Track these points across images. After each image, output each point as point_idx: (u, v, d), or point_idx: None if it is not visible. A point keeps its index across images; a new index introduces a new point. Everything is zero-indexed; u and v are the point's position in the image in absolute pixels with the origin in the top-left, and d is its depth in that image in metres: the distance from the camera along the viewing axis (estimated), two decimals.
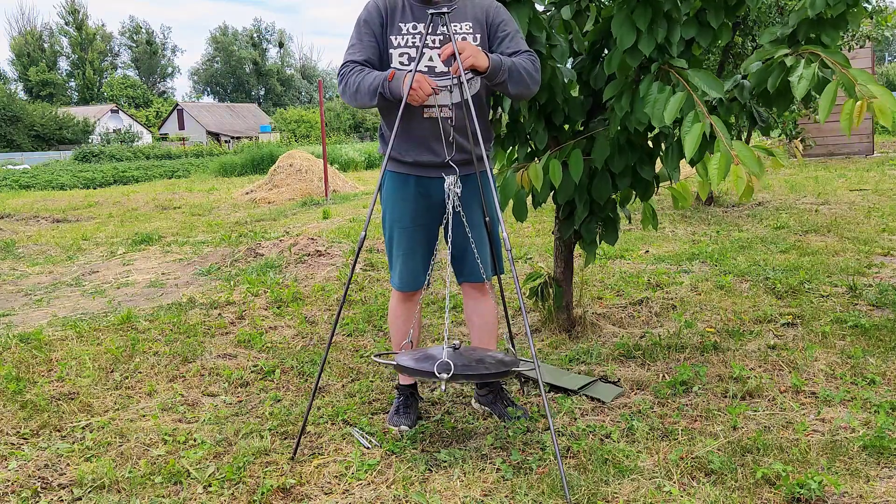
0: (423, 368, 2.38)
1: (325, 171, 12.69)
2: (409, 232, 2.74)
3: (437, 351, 2.50)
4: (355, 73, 2.59)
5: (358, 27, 2.67)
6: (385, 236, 2.83)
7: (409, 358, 2.49)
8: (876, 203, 7.81)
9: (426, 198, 2.72)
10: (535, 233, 7.27)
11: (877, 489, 2.17)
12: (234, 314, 4.52)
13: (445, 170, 2.68)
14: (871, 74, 10.64)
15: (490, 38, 2.65)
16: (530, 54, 2.62)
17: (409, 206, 2.72)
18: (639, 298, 4.45)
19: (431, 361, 2.39)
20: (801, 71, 2.61)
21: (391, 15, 2.63)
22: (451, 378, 2.31)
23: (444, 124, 2.62)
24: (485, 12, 2.66)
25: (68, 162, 28.73)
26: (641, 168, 3.27)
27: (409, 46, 2.61)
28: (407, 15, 2.63)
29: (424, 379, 2.47)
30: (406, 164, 2.70)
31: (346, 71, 2.62)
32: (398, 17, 2.63)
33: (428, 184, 2.71)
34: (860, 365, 3.16)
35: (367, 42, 2.63)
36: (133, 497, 2.31)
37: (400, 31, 2.62)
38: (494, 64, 2.48)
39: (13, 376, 3.38)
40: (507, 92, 2.62)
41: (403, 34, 2.61)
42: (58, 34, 67.99)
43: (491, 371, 2.42)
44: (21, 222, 10.75)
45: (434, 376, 2.31)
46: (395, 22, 2.62)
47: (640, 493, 2.20)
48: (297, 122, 48.69)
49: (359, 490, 2.31)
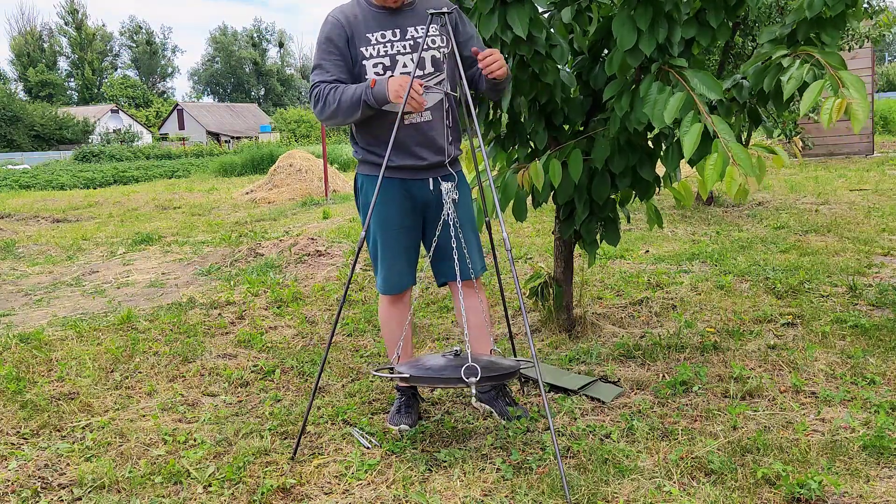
0: (445, 376, 2.36)
1: (325, 171, 12.69)
2: (394, 234, 2.73)
3: (436, 359, 2.51)
4: (330, 90, 2.57)
5: (320, 46, 2.63)
6: (368, 241, 2.80)
7: (420, 368, 2.46)
8: (876, 203, 7.81)
9: (410, 199, 2.72)
10: (535, 233, 7.27)
11: (877, 489, 2.17)
12: (234, 314, 4.52)
13: (430, 172, 2.70)
14: (867, 78, 10.54)
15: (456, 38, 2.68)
16: None
17: (393, 208, 2.71)
18: (639, 298, 4.45)
19: (449, 369, 2.38)
20: (793, 72, 2.61)
21: (355, 27, 2.61)
22: (478, 381, 2.31)
23: (423, 128, 2.64)
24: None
25: (68, 162, 28.74)
26: (641, 168, 3.27)
27: (382, 56, 2.60)
28: (371, 25, 2.61)
29: (447, 387, 2.44)
30: (390, 169, 2.69)
31: (319, 91, 2.59)
32: (363, 29, 2.61)
33: (411, 185, 2.71)
34: (860, 365, 3.16)
35: (334, 61, 2.60)
36: (133, 497, 2.31)
37: (369, 41, 2.60)
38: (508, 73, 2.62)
39: (13, 376, 3.38)
40: (496, 95, 2.75)
41: (374, 44, 2.60)
42: (57, 34, 68.07)
43: (507, 372, 2.44)
44: (21, 222, 10.76)
45: (462, 382, 2.31)
46: (361, 34, 2.60)
47: (640, 493, 2.20)
48: (297, 122, 48.69)
49: (359, 490, 2.31)
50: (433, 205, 2.73)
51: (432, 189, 2.71)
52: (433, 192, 2.71)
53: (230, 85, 78.58)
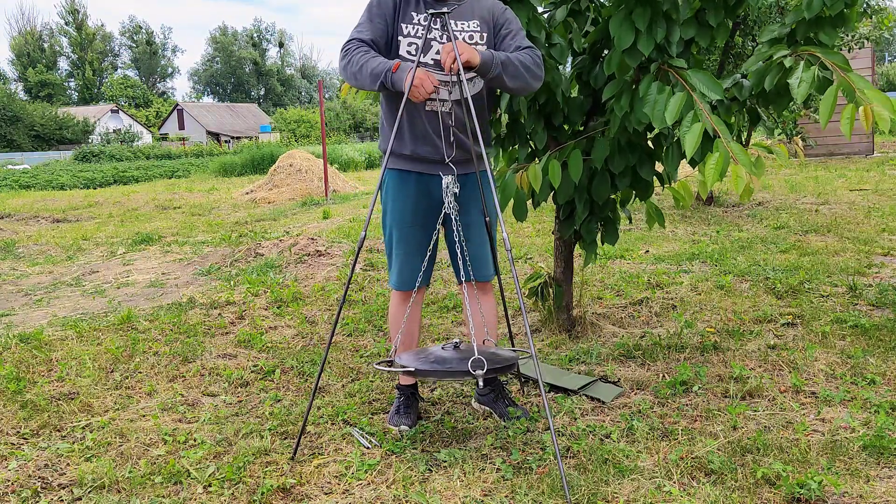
0: (451, 369, 2.35)
1: (325, 171, 12.69)
2: (409, 231, 2.74)
3: (438, 351, 2.50)
4: (361, 52, 2.58)
5: (370, 9, 2.67)
6: (385, 235, 2.83)
7: (424, 361, 2.45)
8: (876, 203, 7.81)
9: (427, 196, 2.72)
10: (535, 233, 7.27)
11: (877, 489, 2.17)
12: (234, 314, 4.52)
13: (444, 168, 2.68)
14: (868, 78, 10.60)
15: (495, 37, 2.70)
16: (532, 49, 2.66)
17: (409, 204, 2.73)
18: (639, 298, 4.45)
19: (453, 362, 2.37)
20: (801, 74, 2.61)
21: (405, 3, 2.65)
22: (486, 373, 2.29)
23: (444, 119, 2.63)
24: (490, 12, 2.71)
25: (68, 162, 28.73)
26: (641, 168, 3.27)
27: (418, 37, 2.63)
28: (420, 6, 2.65)
29: (453, 380, 2.42)
30: (405, 159, 2.70)
31: (351, 47, 2.60)
32: (412, 7, 2.65)
33: (428, 181, 2.71)
34: (860, 365, 3.16)
35: (377, 24, 2.63)
36: (133, 497, 2.31)
37: (412, 20, 2.64)
38: (485, 59, 2.51)
39: (13, 376, 3.38)
40: (505, 87, 2.64)
41: (414, 24, 2.64)
42: (58, 34, 68.06)
43: (510, 363, 2.42)
44: (21, 222, 10.76)
45: (470, 374, 2.29)
46: (408, 11, 2.64)
47: (640, 493, 2.20)
48: (297, 122, 48.66)
49: (359, 490, 2.31)
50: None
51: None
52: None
53: (230, 85, 78.58)
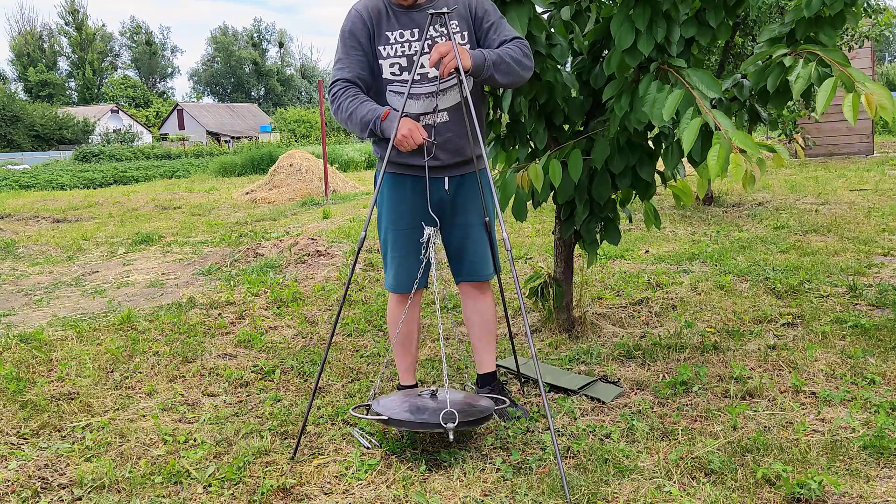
0: (423, 420, 2.43)
1: (325, 171, 12.69)
2: (404, 234, 2.73)
3: (413, 399, 2.57)
4: (349, 98, 2.55)
5: (343, 39, 2.62)
6: (380, 237, 2.82)
7: (399, 410, 2.51)
8: (876, 203, 7.81)
9: (423, 198, 2.72)
10: (535, 233, 7.27)
11: (877, 489, 2.17)
12: (234, 314, 4.52)
13: (446, 171, 2.69)
14: (869, 75, 10.45)
15: (476, 31, 2.65)
16: (519, 40, 2.61)
17: (405, 207, 2.72)
18: (639, 298, 4.45)
19: (428, 412, 2.45)
20: (800, 70, 2.61)
21: (377, 24, 2.59)
22: (456, 426, 2.39)
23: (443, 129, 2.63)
24: (466, 7, 2.64)
25: (68, 162, 28.73)
26: (641, 168, 3.27)
27: (399, 56, 2.58)
28: (392, 23, 2.59)
29: (425, 431, 2.53)
30: (401, 166, 2.70)
31: (338, 92, 2.58)
32: (384, 27, 2.59)
33: (424, 184, 2.70)
34: (860, 365, 3.16)
35: (355, 56, 2.59)
36: (133, 497, 2.31)
37: (388, 40, 2.58)
38: (477, 61, 2.48)
39: (13, 376, 3.38)
40: (497, 84, 2.62)
41: (391, 43, 2.58)
42: (58, 34, 68.04)
43: (483, 415, 2.50)
44: (21, 222, 10.75)
45: (440, 427, 2.39)
46: (381, 31, 2.59)
47: (640, 493, 2.20)
48: (297, 122, 48.67)
49: (359, 490, 2.31)
50: (448, 204, 2.73)
51: (447, 188, 2.71)
52: (448, 191, 2.71)
53: (230, 85, 78.57)
